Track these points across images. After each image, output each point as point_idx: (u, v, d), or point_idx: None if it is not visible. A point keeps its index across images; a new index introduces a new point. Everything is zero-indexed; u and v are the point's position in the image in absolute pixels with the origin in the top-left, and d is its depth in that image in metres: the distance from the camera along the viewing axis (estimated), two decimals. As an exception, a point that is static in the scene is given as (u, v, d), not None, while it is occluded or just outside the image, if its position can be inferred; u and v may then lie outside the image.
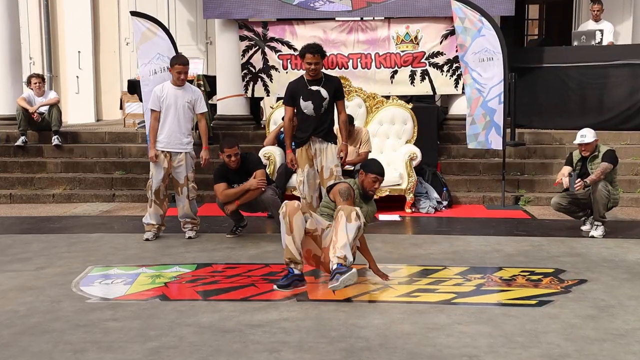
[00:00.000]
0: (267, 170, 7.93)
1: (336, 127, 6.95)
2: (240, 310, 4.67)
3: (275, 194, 6.83)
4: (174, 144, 6.87)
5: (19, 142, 10.10)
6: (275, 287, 5.06)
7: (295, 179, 8.04)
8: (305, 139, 6.59)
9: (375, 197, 8.11)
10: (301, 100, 6.54)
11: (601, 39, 10.34)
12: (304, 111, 6.54)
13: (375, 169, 5.44)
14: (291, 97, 6.61)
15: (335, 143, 6.66)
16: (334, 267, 4.78)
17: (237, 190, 6.70)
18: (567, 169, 7.07)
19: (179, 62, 6.85)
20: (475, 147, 8.85)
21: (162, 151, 6.86)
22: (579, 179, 6.77)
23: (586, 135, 6.96)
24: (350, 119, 7.71)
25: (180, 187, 6.94)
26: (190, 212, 6.98)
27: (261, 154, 8.15)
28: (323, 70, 6.66)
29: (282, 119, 8.55)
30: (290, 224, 4.95)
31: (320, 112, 6.53)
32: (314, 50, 6.41)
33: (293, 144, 6.73)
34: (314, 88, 6.52)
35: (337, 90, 6.62)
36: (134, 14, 9.40)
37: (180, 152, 6.90)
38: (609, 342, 4.09)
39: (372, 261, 5.44)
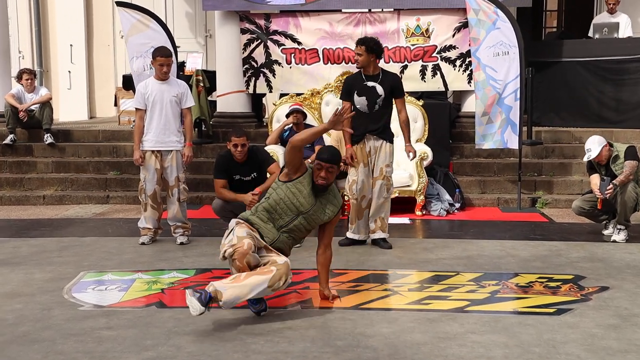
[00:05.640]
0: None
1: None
2: (241, 318, 4.67)
3: None
4: (163, 142, 6.84)
5: (7, 141, 10.12)
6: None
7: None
8: (360, 137, 6.62)
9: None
10: (355, 95, 6.60)
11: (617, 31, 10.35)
12: (358, 107, 6.58)
13: (324, 155, 4.87)
14: (347, 92, 6.68)
15: (392, 142, 6.69)
16: (210, 289, 4.45)
17: (232, 197, 6.67)
18: (596, 177, 6.93)
19: (161, 54, 6.78)
20: (491, 147, 8.85)
21: (152, 151, 6.84)
22: (610, 185, 6.71)
23: (591, 148, 6.83)
24: None
25: (171, 189, 6.92)
26: (181, 216, 6.96)
27: (263, 153, 8.16)
28: (381, 66, 6.78)
29: (286, 116, 8.61)
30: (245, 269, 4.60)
31: (374, 110, 6.57)
32: (359, 41, 6.60)
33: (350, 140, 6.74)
34: (370, 84, 6.57)
35: (395, 87, 6.66)
36: (119, 4, 9.38)
37: (170, 151, 6.88)
38: (632, 353, 4.08)
39: (325, 280, 5.05)
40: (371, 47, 6.54)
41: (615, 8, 10.72)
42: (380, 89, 6.55)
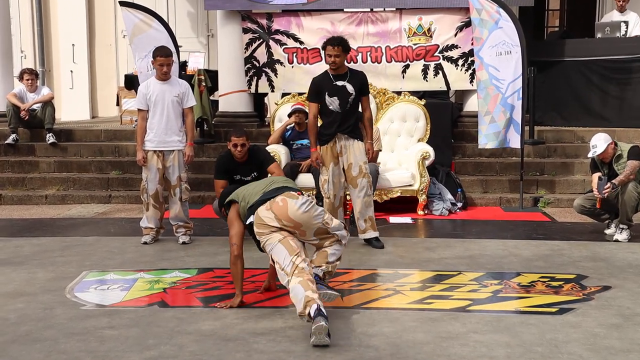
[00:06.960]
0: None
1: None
2: (243, 318, 4.68)
3: None
4: (165, 142, 6.84)
5: (9, 140, 10.12)
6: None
7: (301, 179, 8.07)
8: (331, 136, 6.62)
9: (385, 198, 8.23)
10: (327, 96, 6.57)
11: (626, 30, 10.31)
12: (330, 107, 6.58)
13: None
14: (316, 93, 6.65)
15: (362, 140, 6.69)
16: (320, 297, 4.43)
17: None
18: (597, 176, 6.90)
19: (161, 54, 6.76)
20: (494, 147, 8.84)
21: (154, 151, 6.84)
22: (608, 183, 6.70)
23: (597, 144, 6.81)
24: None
25: (173, 189, 6.93)
26: (183, 215, 6.96)
27: (265, 152, 8.16)
28: (347, 65, 6.73)
29: (288, 116, 8.61)
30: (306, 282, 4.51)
31: (346, 108, 6.56)
32: (335, 42, 6.50)
33: (318, 141, 6.74)
34: (340, 83, 6.56)
35: (363, 85, 6.66)
36: (123, 4, 9.39)
37: (172, 151, 6.88)
38: (634, 353, 4.08)
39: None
40: (346, 46, 6.54)
41: (625, 6, 10.69)
42: (350, 88, 6.54)
